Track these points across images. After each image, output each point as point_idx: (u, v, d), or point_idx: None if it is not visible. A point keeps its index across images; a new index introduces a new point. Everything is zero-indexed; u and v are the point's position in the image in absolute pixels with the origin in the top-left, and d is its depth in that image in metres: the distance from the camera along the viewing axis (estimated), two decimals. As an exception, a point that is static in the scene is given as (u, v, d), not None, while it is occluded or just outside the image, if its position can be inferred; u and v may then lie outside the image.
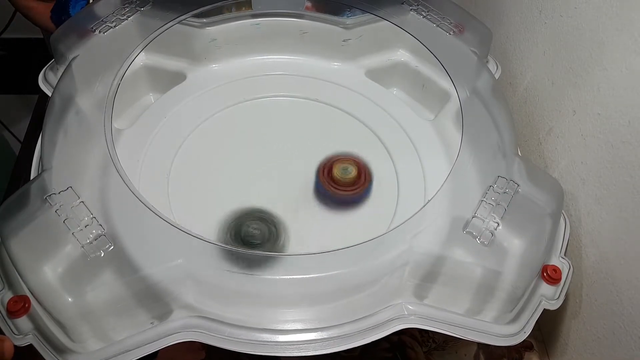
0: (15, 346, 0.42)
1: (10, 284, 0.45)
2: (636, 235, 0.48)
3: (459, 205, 0.50)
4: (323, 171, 0.57)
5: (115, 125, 0.58)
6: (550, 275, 0.49)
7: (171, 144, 0.60)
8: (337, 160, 0.58)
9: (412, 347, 0.60)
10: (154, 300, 0.45)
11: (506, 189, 0.51)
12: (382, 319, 0.44)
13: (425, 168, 0.59)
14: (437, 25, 0.67)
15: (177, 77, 0.67)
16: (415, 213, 0.50)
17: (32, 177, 0.51)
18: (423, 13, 0.68)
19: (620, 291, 0.50)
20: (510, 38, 0.71)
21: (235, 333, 0.43)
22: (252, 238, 0.53)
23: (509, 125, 0.56)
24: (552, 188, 0.52)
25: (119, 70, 0.60)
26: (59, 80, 0.57)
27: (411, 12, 0.68)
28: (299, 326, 0.44)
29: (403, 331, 0.45)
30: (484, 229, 0.48)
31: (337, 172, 0.57)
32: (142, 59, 0.66)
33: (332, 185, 0.56)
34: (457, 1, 0.70)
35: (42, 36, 0.94)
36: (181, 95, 0.65)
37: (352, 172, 0.57)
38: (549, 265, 0.50)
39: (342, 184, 0.56)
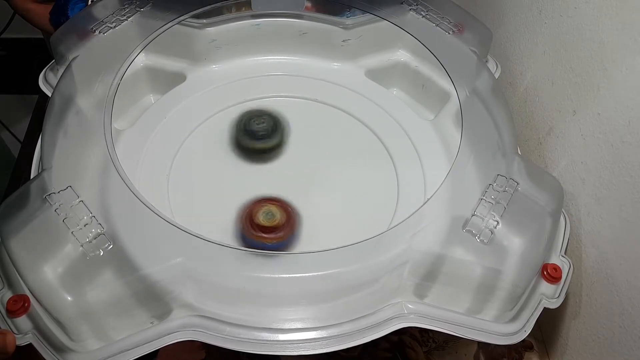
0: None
1: (10, 284, 0.45)
2: (636, 235, 0.48)
3: (458, 204, 0.50)
4: (245, 218, 0.53)
5: (115, 125, 0.58)
6: (551, 274, 0.49)
7: (171, 144, 0.60)
8: (259, 204, 0.54)
9: (412, 347, 0.60)
10: (153, 299, 0.45)
11: (506, 187, 0.51)
12: (382, 317, 0.44)
13: (425, 167, 0.59)
14: (437, 25, 0.67)
15: (177, 78, 0.67)
16: (415, 212, 0.50)
17: (32, 177, 0.51)
18: (422, 13, 0.68)
19: (620, 291, 0.50)
20: (510, 38, 0.71)
21: (235, 332, 0.43)
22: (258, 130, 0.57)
23: (509, 125, 0.56)
24: (552, 186, 0.52)
25: (119, 70, 0.60)
26: (59, 81, 0.57)
27: (411, 12, 0.68)
28: (298, 325, 0.44)
29: (403, 331, 0.45)
30: (483, 227, 0.48)
31: (260, 217, 0.52)
32: (142, 59, 0.66)
33: (256, 232, 0.52)
34: (457, 1, 0.70)
35: (42, 36, 0.94)
36: (181, 96, 0.65)
37: (276, 216, 0.53)
38: (549, 263, 0.50)
39: (267, 230, 0.52)
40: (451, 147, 0.60)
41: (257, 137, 0.60)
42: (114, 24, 0.64)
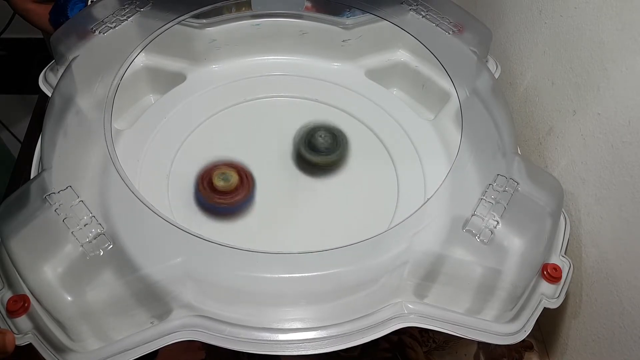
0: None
1: (10, 283, 0.45)
2: (636, 235, 0.48)
3: (458, 203, 0.50)
4: (202, 181, 0.55)
5: (115, 125, 0.58)
6: (551, 273, 0.49)
7: (171, 144, 0.60)
8: (216, 168, 0.55)
9: (412, 347, 0.60)
10: (153, 299, 0.45)
11: (506, 187, 0.51)
12: (382, 317, 0.44)
13: (425, 167, 0.59)
14: (437, 25, 0.67)
15: (177, 78, 0.67)
16: (415, 212, 0.50)
17: (32, 177, 0.51)
18: (422, 13, 0.68)
19: (620, 291, 0.50)
20: (510, 38, 0.71)
21: (235, 332, 0.43)
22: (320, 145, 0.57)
23: (509, 124, 0.56)
24: (552, 186, 0.52)
25: (119, 70, 0.60)
26: (59, 81, 0.57)
27: (411, 12, 0.68)
28: (298, 325, 0.44)
29: (403, 331, 0.45)
30: (483, 227, 0.48)
31: (217, 180, 0.54)
32: (142, 59, 0.66)
33: (212, 195, 0.53)
34: (456, 1, 0.70)
35: (42, 36, 0.94)
36: (181, 96, 0.65)
37: (233, 179, 0.54)
38: (549, 263, 0.50)
39: (223, 193, 0.53)
40: (451, 147, 0.60)
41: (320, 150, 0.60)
42: (114, 24, 0.64)
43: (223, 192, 0.54)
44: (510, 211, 0.49)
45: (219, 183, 0.53)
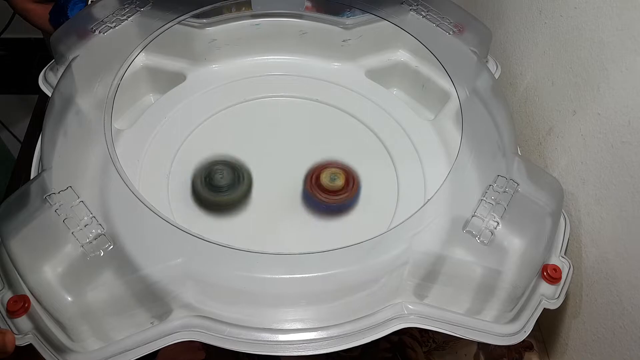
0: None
1: (10, 284, 0.45)
2: (636, 235, 0.48)
3: (458, 204, 0.50)
4: (311, 179, 0.57)
5: (115, 125, 0.58)
6: (551, 274, 0.49)
7: (171, 144, 0.60)
8: (325, 168, 0.57)
9: (412, 347, 0.60)
10: (153, 299, 0.45)
11: (506, 188, 0.51)
12: (382, 318, 0.44)
13: (425, 168, 0.59)
14: (437, 25, 0.67)
15: (177, 78, 0.67)
16: (415, 212, 0.50)
17: (32, 177, 0.51)
18: (423, 13, 0.68)
19: (620, 291, 0.50)
20: (510, 38, 0.71)
21: (235, 332, 0.43)
22: (218, 182, 0.55)
23: (509, 125, 0.56)
24: (552, 187, 0.52)
25: (119, 70, 0.60)
26: (59, 81, 0.57)
27: (411, 12, 0.68)
28: (298, 325, 0.44)
29: (403, 331, 0.45)
30: (483, 228, 0.48)
31: (325, 179, 0.56)
32: (142, 59, 0.66)
33: (319, 193, 0.56)
34: (457, 1, 0.70)
35: (42, 36, 0.94)
36: (181, 96, 0.65)
37: (340, 179, 0.56)
38: (549, 264, 0.50)
39: (329, 192, 0.56)
40: (451, 147, 0.60)
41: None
42: (114, 24, 0.64)
43: (331, 191, 0.56)
44: (511, 212, 0.49)
45: (327, 182, 0.56)
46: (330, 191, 0.56)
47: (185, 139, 0.61)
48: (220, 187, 0.55)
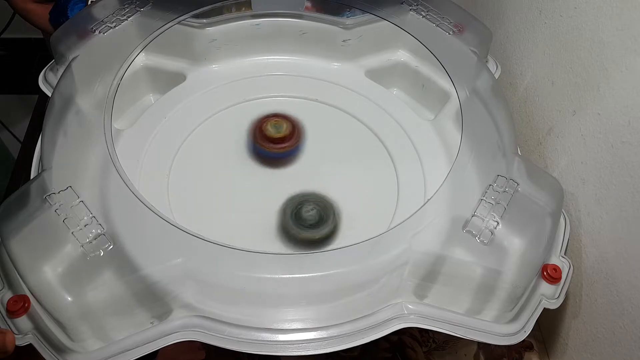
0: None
1: (10, 284, 0.45)
2: (636, 235, 0.48)
3: (458, 204, 0.50)
4: (255, 130, 0.60)
5: (115, 125, 0.58)
6: (551, 274, 0.49)
7: (171, 144, 0.60)
8: (269, 119, 0.60)
9: (412, 347, 0.60)
10: (153, 299, 0.45)
11: (506, 188, 0.51)
12: (382, 318, 0.44)
13: (425, 167, 0.59)
14: (437, 25, 0.67)
15: (177, 78, 0.67)
16: (415, 212, 0.50)
17: (32, 177, 0.51)
18: (423, 13, 0.68)
19: (620, 291, 0.50)
20: (510, 38, 0.71)
21: (235, 332, 0.43)
22: (307, 220, 0.55)
23: (509, 125, 0.56)
24: (552, 187, 0.52)
25: (119, 70, 0.60)
26: (59, 81, 0.57)
27: (411, 12, 0.68)
28: (298, 325, 0.44)
29: (403, 331, 0.45)
30: (483, 228, 0.48)
31: (270, 129, 0.58)
32: (142, 59, 0.66)
33: (264, 143, 0.58)
34: (457, 1, 0.70)
35: (42, 36, 0.94)
36: (181, 96, 0.65)
37: (285, 128, 0.59)
38: (549, 264, 0.50)
39: (274, 141, 0.58)
40: (451, 147, 0.60)
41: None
42: (114, 24, 0.64)
43: (275, 139, 0.58)
44: (511, 212, 0.49)
45: (271, 131, 0.58)
46: (275, 139, 0.58)
47: (185, 139, 0.61)
48: (308, 223, 0.54)
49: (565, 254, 0.52)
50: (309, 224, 0.54)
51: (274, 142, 0.58)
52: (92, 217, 0.46)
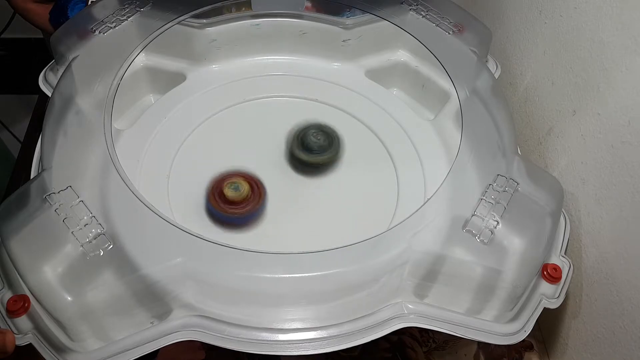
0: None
1: (10, 284, 0.45)
2: (636, 235, 0.48)
3: (458, 204, 0.50)
4: (213, 193, 0.54)
5: (115, 125, 0.58)
6: (551, 274, 0.49)
7: (171, 144, 0.60)
8: (228, 179, 0.55)
9: (412, 347, 0.60)
10: (153, 299, 0.45)
11: (506, 187, 0.51)
12: (382, 318, 0.44)
13: (425, 167, 0.59)
14: (437, 25, 0.67)
15: (177, 78, 0.67)
16: (415, 212, 0.50)
17: (32, 177, 0.51)
18: (423, 13, 0.68)
19: (620, 291, 0.50)
20: (510, 38, 0.71)
21: (235, 332, 0.43)
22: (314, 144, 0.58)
23: (509, 125, 0.56)
24: (552, 186, 0.52)
25: (119, 70, 0.60)
26: (59, 81, 0.57)
27: (411, 12, 0.68)
28: (298, 325, 0.44)
29: (403, 331, 0.45)
30: (483, 227, 0.48)
31: (228, 191, 0.53)
32: (142, 59, 0.66)
33: (223, 206, 0.53)
34: (457, 1, 0.70)
35: (42, 36, 0.94)
36: (181, 96, 0.65)
37: (244, 189, 0.54)
38: (549, 264, 0.50)
39: (234, 204, 0.53)
40: (451, 147, 0.60)
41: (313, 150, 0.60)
42: (114, 24, 0.64)
43: (234, 202, 0.53)
44: (510, 211, 0.49)
45: (229, 193, 0.53)
46: (233, 202, 0.53)
47: (185, 139, 0.61)
48: (314, 149, 0.58)
49: (565, 254, 0.52)
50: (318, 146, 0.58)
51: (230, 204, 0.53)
52: (92, 217, 0.46)
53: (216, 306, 0.44)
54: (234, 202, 0.53)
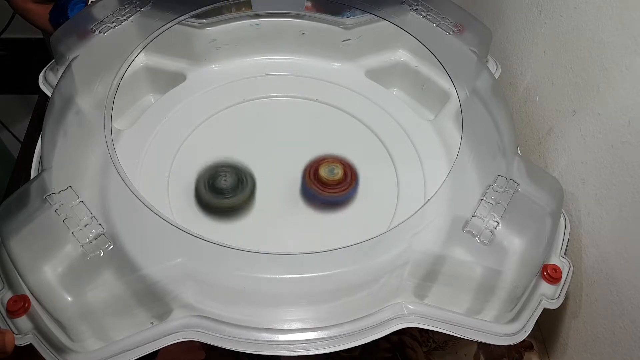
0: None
1: (10, 284, 0.45)
2: (636, 235, 0.48)
3: (458, 204, 0.50)
4: (309, 173, 0.57)
5: (115, 125, 0.58)
6: (551, 274, 0.49)
7: (171, 144, 0.60)
8: (324, 161, 0.58)
9: (412, 347, 0.60)
10: (153, 299, 0.45)
11: (506, 188, 0.51)
12: (382, 318, 0.44)
13: (425, 167, 0.59)
14: (437, 25, 0.67)
15: (177, 78, 0.67)
16: (415, 212, 0.50)
17: (32, 177, 0.51)
18: (423, 13, 0.68)
19: (620, 291, 0.50)
20: (510, 38, 0.71)
21: (235, 332, 0.43)
22: (223, 188, 0.55)
23: (509, 125, 0.56)
24: (552, 187, 0.52)
25: (119, 70, 0.60)
26: (59, 81, 0.57)
27: (411, 12, 0.68)
28: (298, 325, 0.44)
29: (403, 331, 0.45)
30: (483, 228, 0.48)
31: (323, 173, 0.56)
32: (142, 59, 0.66)
33: (318, 187, 0.56)
34: (457, 1, 0.70)
35: (42, 36, 0.94)
36: (181, 96, 0.65)
37: (339, 173, 0.56)
38: (549, 264, 0.50)
39: (328, 185, 0.56)
40: (451, 147, 0.60)
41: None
42: (114, 24, 0.64)
43: (327, 184, 0.56)
44: (511, 212, 0.49)
45: (325, 175, 0.56)
46: (329, 184, 0.56)
47: (185, 139, 0.61)
48: (224, 190, 0.55)
49: (565, 254, 0.52)
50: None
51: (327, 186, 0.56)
52: (92, 217, 0.46)
53: (216, 306, 0.44)
54: (328, 184, 0.56)
